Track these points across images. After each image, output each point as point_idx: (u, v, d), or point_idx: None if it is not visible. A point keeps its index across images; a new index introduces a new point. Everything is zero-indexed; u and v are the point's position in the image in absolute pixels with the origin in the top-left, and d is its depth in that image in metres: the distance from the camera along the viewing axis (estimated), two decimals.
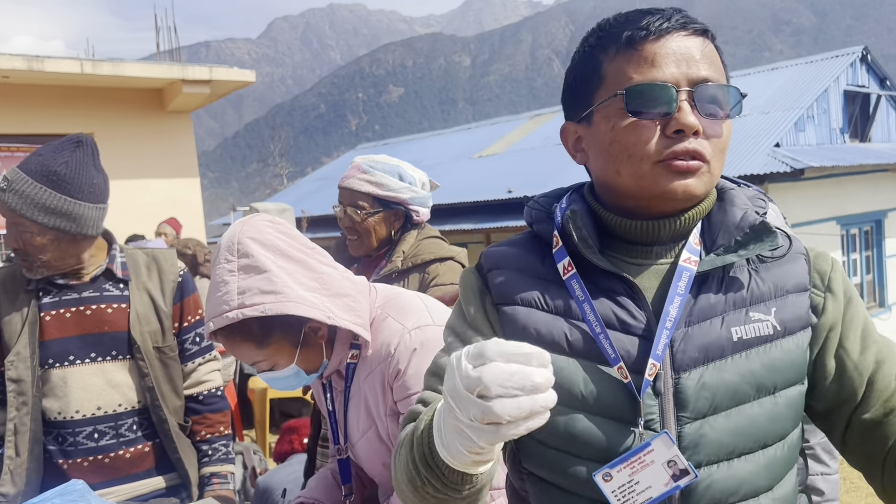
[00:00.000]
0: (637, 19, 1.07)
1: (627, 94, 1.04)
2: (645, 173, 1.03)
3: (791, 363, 1.06)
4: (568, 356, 1.06)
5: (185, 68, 8.36)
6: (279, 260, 1.50)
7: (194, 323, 2.15)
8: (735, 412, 1.02)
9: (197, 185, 9.33)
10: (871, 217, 13.28)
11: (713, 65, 1.05)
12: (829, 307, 1.10)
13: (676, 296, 1.04)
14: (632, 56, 1.05)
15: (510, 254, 1.17)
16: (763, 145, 11.36)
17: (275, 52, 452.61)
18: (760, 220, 1.08)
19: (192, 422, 2.15)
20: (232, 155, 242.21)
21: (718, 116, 1.05)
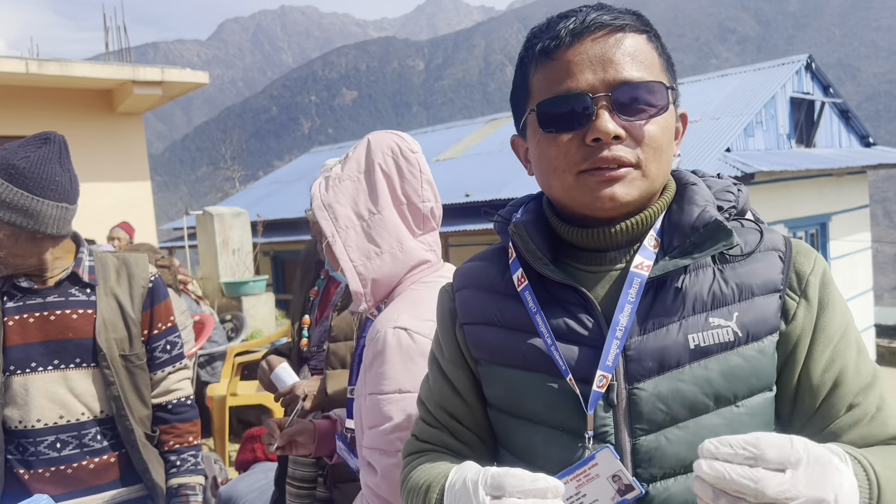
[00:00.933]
0: (553, 26, 1.04)
1: (538, 109, 1.03)
2: (571, 185, 1.02)
3: (753, 371, 1.00)
4: (524, 370, 1.06)
5: (136, 69, 8.17)
6: (365, 174, 1.59)
7: (165, 330, 2.09)
8: (693, 423, 0.98)
9: (148, 189, 9.13)
10: (816, 220, 13.69)
11: (636, 60, 1.00)
12: (800, 314, 1.02)
13: (626, 304, 1.00)
14: (548, 67, 1.03)
15: (475, 270, 1.18)
16: (714, 150, 11.62)
17: (225, 54, 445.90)
18: (715, 218, 1.01)
19: (159, 431, 2.09)
20: (181, 158, 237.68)
21: (646, 116, 1.00)
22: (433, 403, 1.19)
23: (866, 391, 1.01)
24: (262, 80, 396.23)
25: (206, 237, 8.37)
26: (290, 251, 16.19)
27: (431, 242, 1.63)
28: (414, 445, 1.21)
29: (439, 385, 1.19)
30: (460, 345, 1.16)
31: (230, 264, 8.26)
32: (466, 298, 1.16)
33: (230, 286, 7.80)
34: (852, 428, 0.99)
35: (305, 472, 2.28)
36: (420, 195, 1.59)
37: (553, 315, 1.05)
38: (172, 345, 2.11)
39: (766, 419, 1.02)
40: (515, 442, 1.09)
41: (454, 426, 1.18)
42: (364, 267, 1.55)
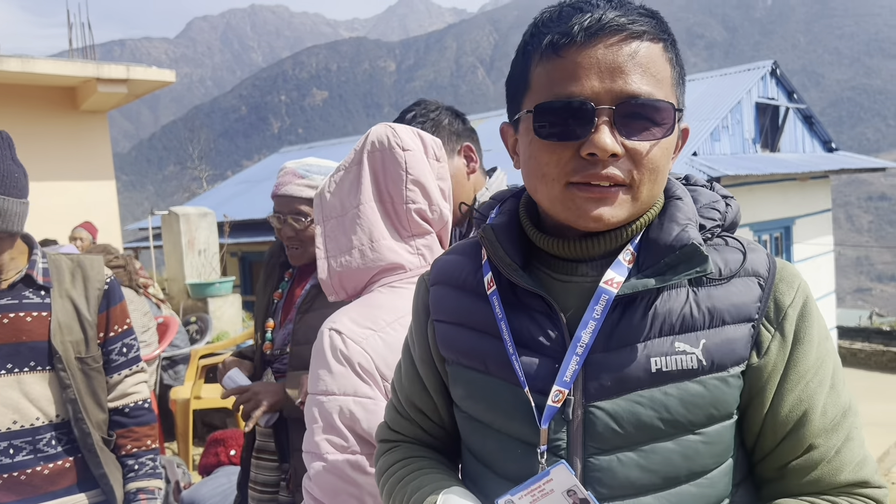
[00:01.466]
0: (566, 18, 0.94)
1: (536, 112, 0.95)
2: (556, 196, 0.96)
3: (713, 401, 0.96)
4: (485, 374, 1.04)
5: (100, 66, 8.03)
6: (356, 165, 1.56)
7: (121, 332, 2.05)
8: (647, 448, 0.95)
9: (112, 188, 8.98)
10: (780, 224, 13.92)
11: (648, 74, 0.92)
12: (774, 348, 0.97)
13: (591, 320, 0.96)
14: (554, 64, 0.94)
15: (451, 265, 1.14)
16: (681, 154, 11.75)
17: (193, 53, 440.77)
18: (692, 241, 0.95)
19: (116, 435, 2.05)
20: (148, 157, 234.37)
21: (649, 135, 0.93)
22: (404, 396, 1.20)
23: (829, 433, 0.97)
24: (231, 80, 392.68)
25: (172, 238, 8.25)
26: (258, 252, 16.04)
27: (421, 246, 1.57)
28: (386, 432, 1.23)
29: (410, 379, 1.19)
30: (430, 342, 1.14)
31: (196, 265, 8.16)
32: (440, 295, 1.13)
33: (196, 287, 7.70)
34: (806, 470, 0.97)
35: (268, 477, 2.25)
36: (403, 196, 1.53)
37: (518, 321, 1.01)
38: (129, 347, 2.08)
39: (724, 446, 0.99)
40: (476, 445, 1.09)
41: (423, 420, 1.19)
42: (334, 260, 1.54)
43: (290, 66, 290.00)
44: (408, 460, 1.15)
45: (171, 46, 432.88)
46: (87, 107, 8.45)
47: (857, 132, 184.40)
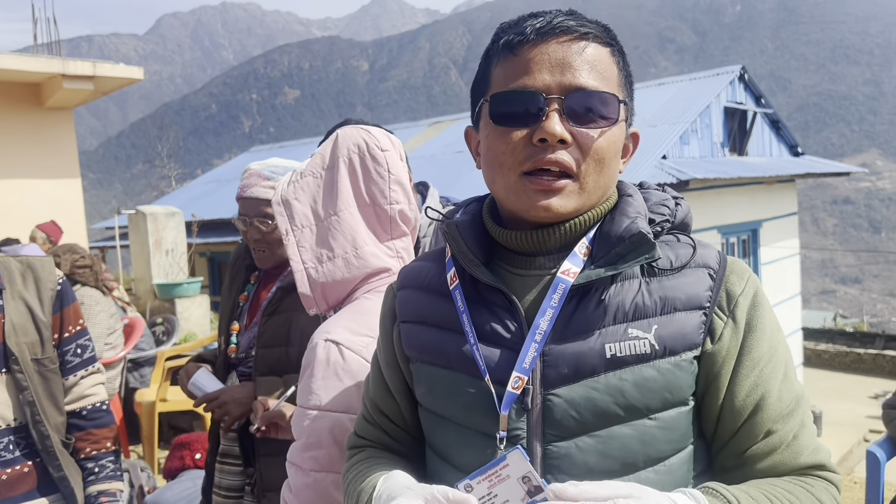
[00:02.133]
0: (521, 23, 1.04)
1: (492, 100, 1.04)
2: (511, 185, 1.02)
3: (666, 385, 0.99)
4: (447, 369, 1.08)
5: (65, 62, 7.88)
6: (328, 172, 1.53)
7: (75, 333, 2.01)
8: (604, 433, 0.99)
9: (78, 186, 8.82)
10: (748, 227, 14.12)
11: (594, 70, 1.00)
12: (727, 335, 1.02)
13: (549, 308, 1.01)
14: (509, 61, 1.03)
15: (416, 269, 1.19)
16: (651, 157, 11.86)
17: (163, 50, 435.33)
18: (639, 230, 1.01)
19: (75, 438, 2.01)
20: (116, 155, 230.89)
21: (594, 126, 1.00)
22: (370, 401, 1.24)
23: (786, 418, 1.01)
24: (201, 77, 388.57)
25: (139, 237, 8.14)
26: (228, 252, 15.88)
27: (400, 248, 1.56)
28: (353, 440, 1.26)
29: (376, 384, 1.23)
30: (395, 344, 1.18)
31: (163, 265, 8.05)
32: (405, 297, 1.17)
33: (163, 288, 7.60)
34: (766, 455, 1.01)
35: (232, 481, 2.22)
36: (387, 196, 1.51)
37: (479, 315, 1.06)
38: (83, 348, 2.04)
39: (681, 433, 1.02)
40: (437, 440, 1.12)
41: (387, 424, 1.22)
42: (315, 270, 1.49)
43: (262, 65, 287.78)
44: (368, 461, 1.18)
45: (141, 43, 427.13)
46: (52, 103, 8.29)
47: (823, 137, 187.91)
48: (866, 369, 18.84)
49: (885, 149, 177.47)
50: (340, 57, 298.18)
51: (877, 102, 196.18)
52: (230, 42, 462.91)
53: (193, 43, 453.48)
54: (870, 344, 20.67)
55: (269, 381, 2.13)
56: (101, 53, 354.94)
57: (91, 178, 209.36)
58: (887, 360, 18.51)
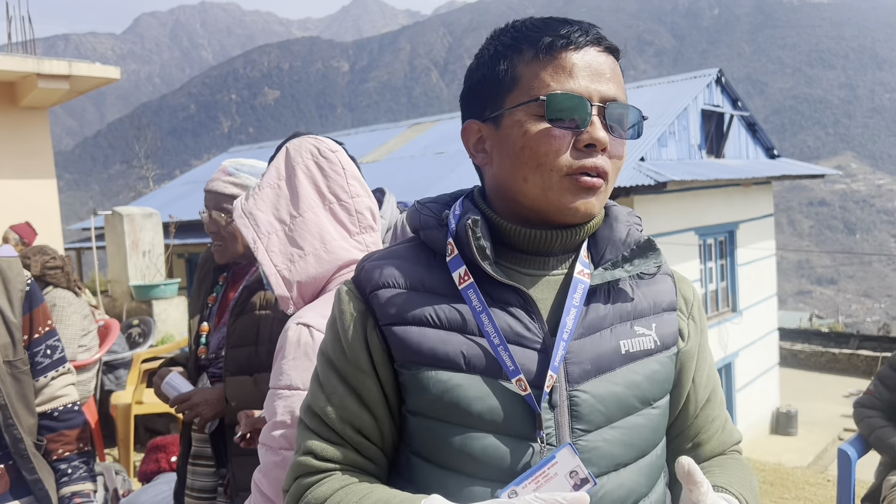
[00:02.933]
0: (556, 27, 1.06)
1: (549, 101, 1.02)
2: (552, 185, 1.03)
3: (666, 376, 1.12)
4: (465, 373, 1.02)
5: (40, 62, 7.78)
6: (285, 181, 1.59)
7: (45, 334, 2.00)
8: (624, 423, 1.05)
9: (53, 187, 8.71)
10: (725, 228, 14.26)
11: (619, 84, 1.08)
12: (692, 334, 1.18)
13: (572, 307, 1.05)
14: (550, 63, 1.04)
15: (396, 268, 1.10)
16: (629, 159, 11.95)
17: (141, 49, 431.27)
18: (647, 237, 1.12)
19: (47, 440, 1.99)
20: (92, 155, 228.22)
21: (622, 136, 1.08)
22: (334, 418, 1.08)
23: (721, 405, 1.22)
24: (180, 77, 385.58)
25: (115, 238, 8.06)
26: None
27: (370, 243, 1.61)
28: (311, 465, 1.08)
29: (341, 397, 1.08)
30: (371, 350, 1.07)
31: (140, 267, 7.98)
32: (387, 298, 1.07)
33: (140, 289, 7.53)
34: (713, 438, 1.21)
35: (205, 482, 2.22)
36: (348, 191, 1.59)
37: (494, 315, 1.04)
38: (53, 349, 2.03)
39: (667, 418, 1.16)
40: (444, 450, 1.03)
41: (360, 442, 1.09)
42: (288, 271, 1.54)
43: (242, 65, 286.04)
44: (353, 486, 1.04)
45: (118, 42, 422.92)
46: (26, 103, 8.19)
47: (799, 140, 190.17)
48: (841, 369, 19.11)
49: (859, 151, 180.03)
50: (321, 57, 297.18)
51: (851, 106, 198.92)
52: (209, 42, 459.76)
53: (172, 42, 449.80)
54: (844, 344, 20.96)
55: (239, 382, 2.12)
56: (78, 52, 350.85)
57: (67, 178, 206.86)
58: (861, 359, 18.78)
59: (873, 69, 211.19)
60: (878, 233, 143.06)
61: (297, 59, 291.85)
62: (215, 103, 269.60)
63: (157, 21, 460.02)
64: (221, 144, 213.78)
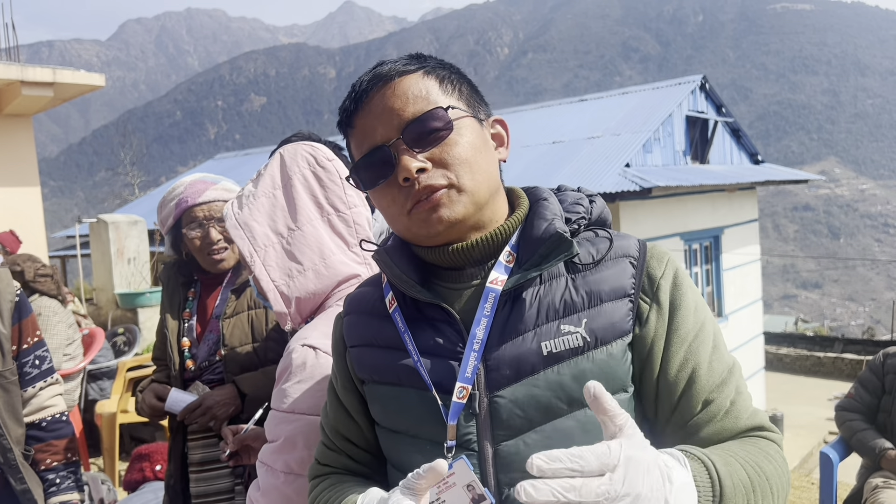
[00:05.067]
0: (349, 94, 1.14)
1: (353, 172, 1.13)
2: (408, 224, 1.09)
3: (602, 374, 1.04)
4: (398, 386, 1.12)
5: (24, 69, 7.74)
6: (281, 190, 1.53)
7: (34, 345, 2.00)
8: (549, 427, 1.04)
9: (37, 195, 8.65)
10: (710, 233, 14.35)
11: (411, 99, 1.08)
12: (653, 318, 1.08)
13: (483, 318, 1.07)
14: (351, 135, 1.14)
15: (359, 295, 1.24)
16: (615, 165, 12.01)
17: (126, 56, 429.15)
18: (556, 230, 1.07)
19: (35, 450, 2.00)
20: (77, 162, 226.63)
21: (439, 141, 1.07)
22: (331, 428, 1.25)
23: (720, 387, 1.07)
24: (165, 84, 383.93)
25: (100, 246, 8.02)
26: None
27: (367, 254, 1.58)
28: (316, 469, 1.26)
29: (335, 410, 1.24)
30: (349, 368, 1.21)
31: (125, 274, 7.94)
32: (351, 323, 1.22)
33: (125, 297, 7.49)
34: (708, 423, 1.06)
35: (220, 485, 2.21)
36: (346, 202, 1.56)
37: (422, 332, 1.11)
38: (41, 359, 2.03)
39: None
40: (394, 455, 1.16)
41: (350, 448, 1.23)
42: (286, 286, 1.50)
43: (228, 71, 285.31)
44: (339, 485, 1.17)
45: (103, 49, 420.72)
46: (10, 110, 8.14)
47: (783, 145, 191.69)
48: (826, 372, 19.24)
49: (842, 157, 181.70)
50: (307, 64, 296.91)
51: (834, 111, 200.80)
52: (195, 48, 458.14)
53: (157, 49, 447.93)
54: (829, 348, 21.11)
55: (249, 376, 2.17)
56: (63, 59, 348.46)
57: (52, 185, 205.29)
58: (846, 363, 18.91)
59: (856, 75, 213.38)
60: (861, 237, 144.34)
61: (284, 66, 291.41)
62: (201, 110, 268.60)
63: (142, 27, 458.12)
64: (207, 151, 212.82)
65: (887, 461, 3.32)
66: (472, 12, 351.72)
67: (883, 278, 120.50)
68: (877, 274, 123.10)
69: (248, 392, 2.14)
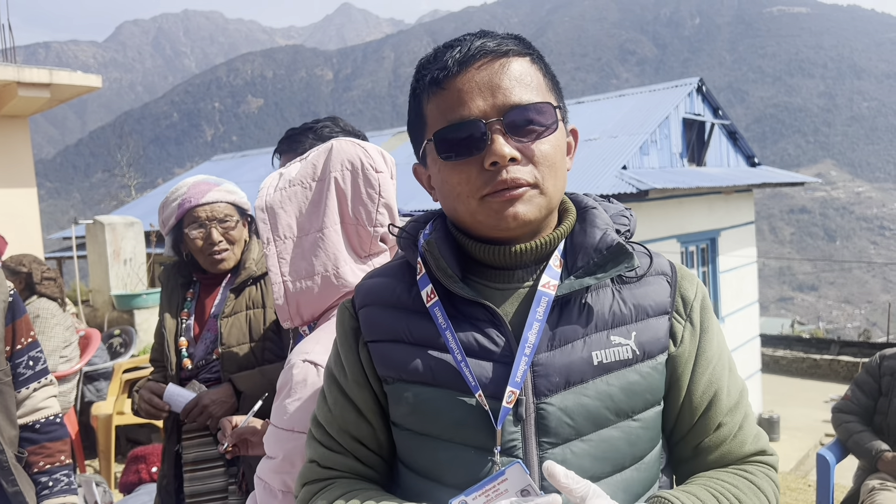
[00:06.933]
0: (440, 56, 1.07)
1: (435, 139, 1.05)
2: (475, 209, 1.04)
3: (648, 387, 1.06)
4: (433, 387, 1.06)
5: (21, 70, 7.72)
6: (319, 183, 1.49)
7: (27, 345, 1.99)
8: (595, 437, 1.03)
9: (33, 196, 8.63)
10: (706, 235, 14.35)
11: (522, 84, 1.03)
12: (687, 338, 1.10)
13: (535, 322, 1.03)
14: (440, 96, 1.05)
15: (379, 287, 1.16)
16: (612, 168, 12.02)
17: (123, 57, 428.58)
18: (617, 241, 1.07)
19: (28, 452, 1.98)
20: (74, 164, 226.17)
21: (537, 136, 1.03)
22: (335, 428, 1.16)
23: (733, 411, 1.11)
24: (162, 85, 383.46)
25: (97, 247, 8.00)
26: None
27: (377, 265, 1.52)
28: (317, 472, 1.16)
29: (341, 408, 1.15)
30: (363, 364, 1.13)
31: (122, 276, 7.92)
32: (371, 315, 1.14)
33: (122, 299, 7.47)
34: (717, 446, 1.11)
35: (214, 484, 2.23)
36: (373, 219, 1.49)
37: (462, 331, 1.06)
38: (35, 360, 2.02)
39: (656, 432, 1.09)
40: (422, 460, 1.09)
41: (359, 450, 1.16)
42: (293, 284, 1.47)
43: (225, 73, 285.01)
44: (354, 492, 1.10)
45: (100, 50, 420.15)
46: (6, 111, 8.12)
47: (779, 148, 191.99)
48: (822, 375, 19.25)
49: (839, 159, 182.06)
50: (304, 66, 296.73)
51: (831, 114, 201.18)
52: (192, 50, 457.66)
53: (154, 51, 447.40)
54: (825, 350, 21.12)
55: (246, 375, 2.19)
56: (59, 60, 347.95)
57: (48, 186, 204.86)
58: (842, 365, 18.92)
59: (852, 78, 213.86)
60: (857, 240, 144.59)
61: (281, 68, 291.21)
62: (198, 112, 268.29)
63: (139, 29, 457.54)
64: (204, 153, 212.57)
65: (884, 463, 3.33)
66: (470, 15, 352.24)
67: (879, 281, 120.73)
68: (873, 276, 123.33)
69: (245, 391, 2.16)
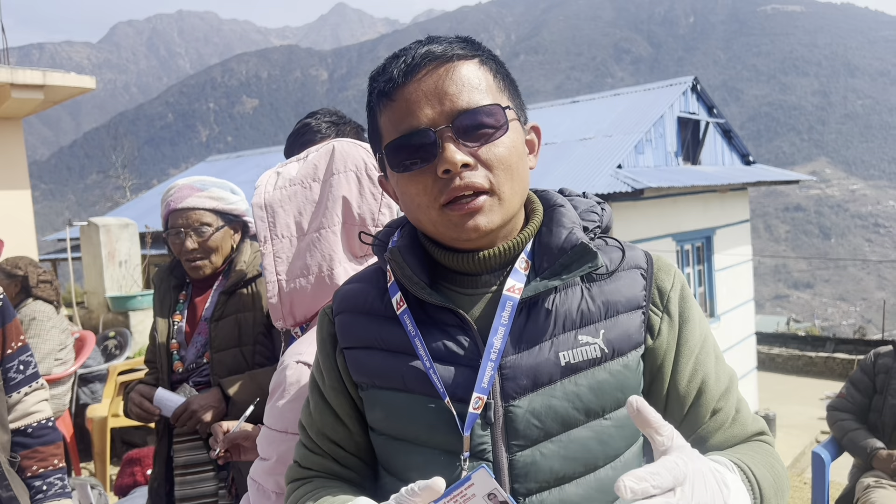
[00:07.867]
0: (388, 67, 1.05)
1: (387, 152, 1.05)
2: (436, 220, 1.03)
3: (618, 385, 1.05)
4: (404, 392, 1.06)
5: (14, 71, 7.70)
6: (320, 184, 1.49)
7: (18, 349, 1.98)
8: (565, 437, 1.02)
9: (27, 198, 8.61)
10: (702, 234, 14.38)
11: (469, 87, 1.01)
12: (665, 330, 1.09)
13: (500, 326, 1.03)
14: (390, 108, 1.04)
15: (354, 293, 1.17)
16: (607, 167, 12.03)
17: (118, 58, 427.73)
18: (581, 241, 1.05)
19: (20, 457, 1.97)
20: (68, 165, 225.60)
21: (488, 139, 1.01)
22: (315, 431, 1.18)
23: (726, 396, 1.10)
24: (157, 86, 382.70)
25: (91, 249, 7.98)
26: None
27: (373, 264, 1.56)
28: (297, 472, 1.19)
29: (320, 411, 1.17)
30: (340, 370, 1.15)
31: (117, 278, 7.90)
32: (346, 322, 1.15)
33: (116, 301, 7.46)
34: (717, 431, 1.09)
35: (205, 488, 2.22)
36: (375, 219, 1.49)
37: (432, 337, 1.06)
38: (26, 364, 2.00)
39: (633, 429, 1.07)
40: (396, 464, 1.10)
41: (336, 452, 1.17)
42: (287, 283, 1.47)
43: (219, 74, 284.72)
44: (318, 490, 1.12)
45: (94, 51, 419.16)
46: None
47: (774, 146, 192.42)
48: (818, 372, 19.30)
49: (833, 157, 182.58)
50: (299, 66, 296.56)
51: (825, 112, 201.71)
52: (186, 51, 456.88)
53: (149, 51, 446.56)
54: (821, 347, 21.18)
55: (235, 379, 2.18)
56: (53, 61, 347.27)
57: (42, 188, 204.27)
58: (837, 363, 18.98)
59: (846, 76, 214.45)
60: (852, 237, 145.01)
61: (276, 68, 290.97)
62: (193, 112, 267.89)
63: (133, 30, 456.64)
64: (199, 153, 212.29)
65: (878, 461, 3.33)
66: (464, 14, 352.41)
67: (874, 278, 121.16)
68: (867, 274, 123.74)
69: (233, 395, 2.15)
